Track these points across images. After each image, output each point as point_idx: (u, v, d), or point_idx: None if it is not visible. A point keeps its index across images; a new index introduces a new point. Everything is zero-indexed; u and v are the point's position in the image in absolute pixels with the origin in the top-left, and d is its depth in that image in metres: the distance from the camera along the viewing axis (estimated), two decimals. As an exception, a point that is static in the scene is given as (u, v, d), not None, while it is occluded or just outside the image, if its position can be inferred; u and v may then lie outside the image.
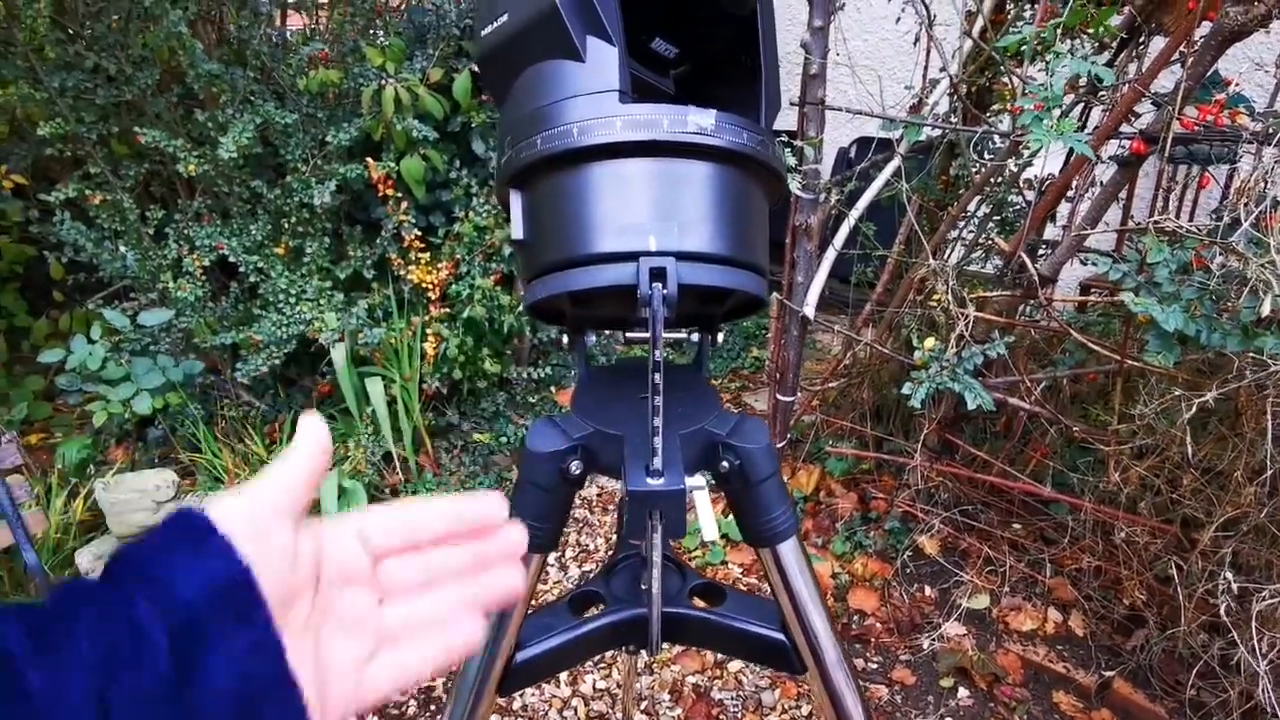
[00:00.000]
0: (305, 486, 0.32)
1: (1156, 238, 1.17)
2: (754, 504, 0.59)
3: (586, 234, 0.54)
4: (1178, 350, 1.12)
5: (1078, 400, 2.00)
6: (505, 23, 0.57)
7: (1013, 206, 2.10)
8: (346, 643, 0.31)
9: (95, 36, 2.20)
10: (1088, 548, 1.70)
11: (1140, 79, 1.33)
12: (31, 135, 2.46)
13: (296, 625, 0.29)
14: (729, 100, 0.64)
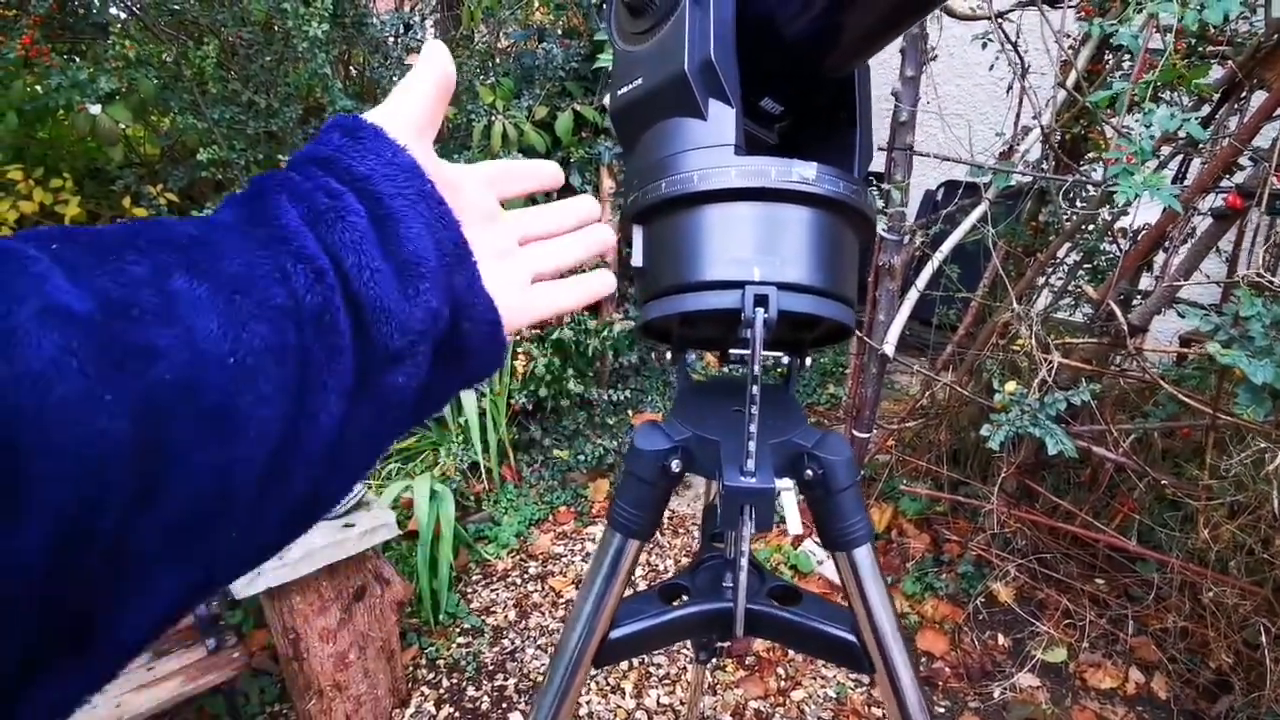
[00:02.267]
0: (436, 106, 0.35)
1: (1250, 292, 1.17)
2: (833, 511, 0.66)
3: (699, 264, 0.63)
4: (1268, 404, 1.11)
5: (1169, 455, 1.94)
6: (639, 85, 0.68)
7: (1105, 255, 2.08)
8: (504, 266, 0.38)
9: (249, 75, 2.49)
10: (1174, 607, 1.64)
11: (1238, 134, 1.33)
12: (186, 159, 2.78)
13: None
14: (825, 149, 0.73)
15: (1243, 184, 1.34)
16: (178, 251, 0.23)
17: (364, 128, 0.31)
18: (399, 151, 0.31)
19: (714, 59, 0.62)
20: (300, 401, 0.25)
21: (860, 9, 0.62)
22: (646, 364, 3.10)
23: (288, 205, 0.27)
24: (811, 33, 0.66)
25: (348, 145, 0.30)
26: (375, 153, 0.30)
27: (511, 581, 2.29)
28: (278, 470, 0.24)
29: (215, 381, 0.22)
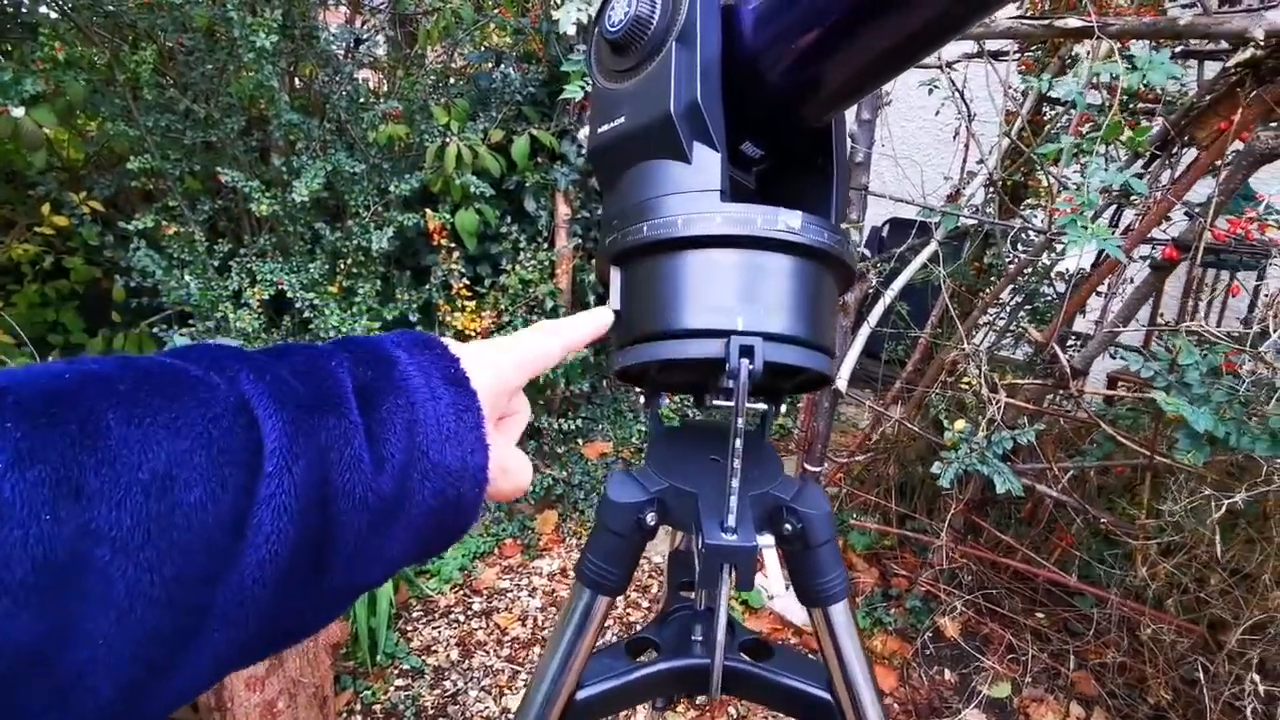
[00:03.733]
0: (559, 357, 0.44)
1: (1187, 340, 1.22)
2: (811, 566, 0.64)
3: (681, 310, 0.60)
4: (1208, 450, 1.15)
5: (1104, 492, 2.01)
6: (621, 124, 0.66)
7: (1044, 297, 2.16)
8: (504, 441, 0.41)
9: (188, 82, 2.38)
10: (1113, 643, 1.69)
11: (1173, 190, 1.40)
12: (114, 167, 2.64)
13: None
14: (803, 195, 0.72)
15: (1179, 237, 1.41)
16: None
17: (472, 409, 0.33)
18: (478, 455, 0.33)
19: (700, 102, 0.60)
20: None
21: (842, 62, 0.62)
22: (598, 391, 3.07)
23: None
24: (794, 80, 0.66)
25: (448, 419, 0.32)
26: (458, 446, 0.32)
27: (454, 618, 2.20)
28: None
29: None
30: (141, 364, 0.25)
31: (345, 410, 0.28)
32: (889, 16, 0.53)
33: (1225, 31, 1.29)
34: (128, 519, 0.21)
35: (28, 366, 0.23)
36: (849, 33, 0.56)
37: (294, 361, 0.29)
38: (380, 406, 0.29)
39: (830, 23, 0.56)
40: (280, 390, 0.26)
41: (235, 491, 0.24)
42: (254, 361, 0.27)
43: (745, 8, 0.64)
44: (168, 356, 0.26)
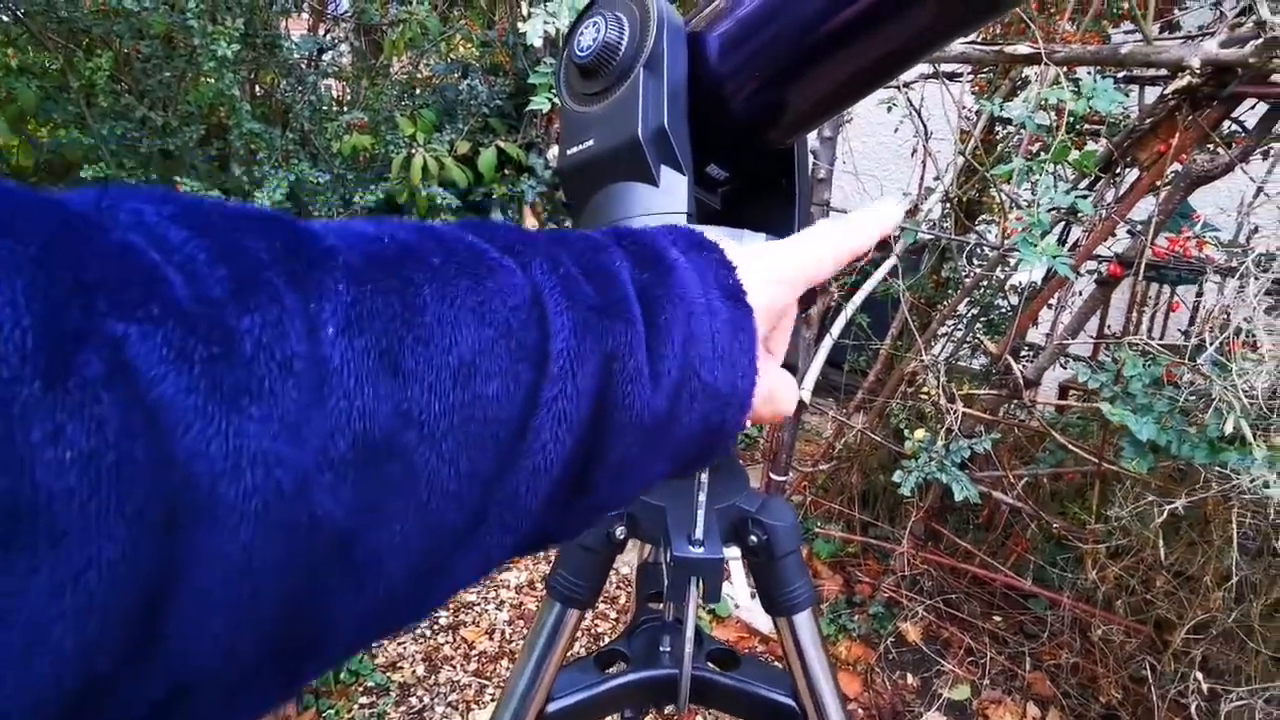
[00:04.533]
0: (834, 270, 0.36)
1: (1131, 352, 1.28)
2: (776, 576, 0.66)
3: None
4: (1151, 458, 1.21)
5: (1057, 497, 2.08)
6: (590, 146, 0.67)
7: (999, 310, 2.23)
8: (771, 363, 0.37)
9: (145, 90, 2.34)
10: (1066, 644, 1.75)
11: (1117, 210, 1.47)
12: (66, 175, 2.57)
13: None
14: (766, 215, 0.75)
15: (1122, 254, 1.48)
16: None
17: (749, 330, 0.30)
18: (748, 378, 0.30)
19: (667, 127, 0.62)
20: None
21: (804, 89, 0.64)
22: (565, 403, 3.07)
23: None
24: (758, 106, 0.68)
25: (724, 337, 0.29)
26: (731, 367, 0.29)
27: (420, 633, 2.17)
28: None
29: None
30: (445, 237, 0.24)
31: (631, 317, 0.26)
32: (849, 47, 0.55)
33: (1164, 60, 1.36)
34: (436, 404, 0.20)
35: (344, 223, 0.22)
36: (810, 62, 0.59)
37: (578, 253, 0.27)
38: (659, 315, 0.27)
39: (791, 52, 0.59)
40: (570, 287, 0.25)
41: (526, 390, 0.23)
42: (544, 250, 0.26)
43: (710, 35, 0.66)
44: (463, 230, 0.25)
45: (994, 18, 1.03)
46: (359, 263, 0.21)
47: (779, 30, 0.60)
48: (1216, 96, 1.35)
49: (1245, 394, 1.04)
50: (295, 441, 0.17)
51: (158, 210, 0.18)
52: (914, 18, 0.50)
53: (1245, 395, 1.04)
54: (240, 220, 0.20)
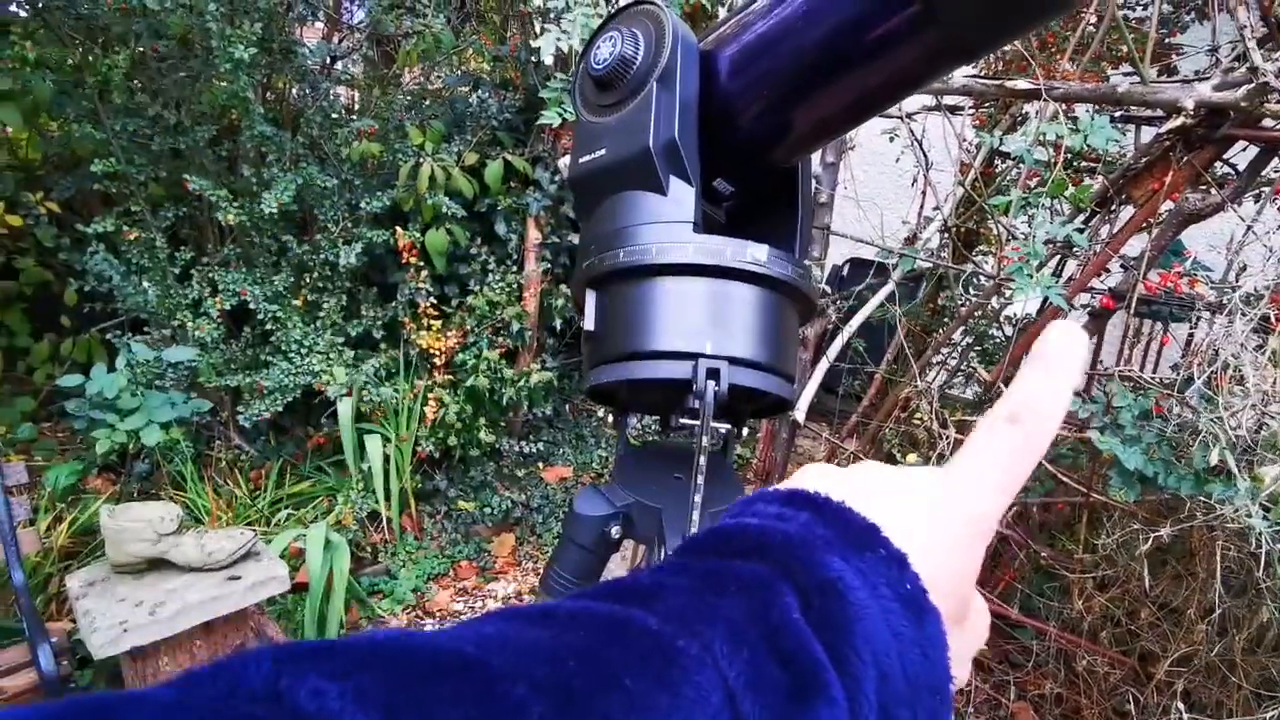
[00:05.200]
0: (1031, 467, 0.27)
1: (1122, 384, 1.30)
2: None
3: (652, 333, 0.64)
4: (1138, 488, 1.22)
5: (1045, 528, 2.09)
6: (603, 155, 0.69)
7: (993, 339, 2.26)
8: (958, 644, 0.28)
9: (159, 89, 2.37)
10: (1051, 674, 1.75)
11: (1110, 244, 1.50)
12: (74, 168, 2.59)
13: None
14: (769, 230, 0.77)
15: (1115, 287, 1.50)
16: None
17: (937, 641, 0.24)
18: (945, 695, 0.24)
19: (678, 140, 0.64)
20: None
21: (808, 110, 0.66)
22: (561, 416, 3.08)
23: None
24: (764, 124, 0.70)
25: (914, 660, 0.24)
26: (929, 693, 0.24)
27: (405, 640, 2.16)
28: None
29: None
30: (625, 629, 0.22)
31: (833, 696, 0.22)
32: (852, 72, 0.58)
33: (1159, 101, 1.39)
34: None
35: (518, 631, 0.21)
36: (815, 85, 0.61)
37: (753, 610, 0.23)
38: (851, 668, 0.23)
39: (797, 75, 0.61)
40: (760, 675, 0.22)
41: None
42: (722, 619, 0.23)
43: (721, 54, 0.68)
44: (638, 610, 0.23)
45: (995, 48, 1.05)
46: (550, 709, 0.19)
47: (786, 54, 0.63)
48: (1210, 138, 1.39)
49: (1231, 427, 1.06)
50: None
51: (340, 689, 0.17)
52: (912, 49, 0.52)
53: (1230, 428, 1.06)
54: (430, 688, 0.18)
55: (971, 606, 0.29)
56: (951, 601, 0.26)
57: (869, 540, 0.26)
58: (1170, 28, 2.01)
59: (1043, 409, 0.27)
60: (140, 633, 1.35)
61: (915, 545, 0.26)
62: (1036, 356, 0.28)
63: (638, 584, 0.24)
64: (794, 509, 0.27)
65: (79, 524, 1.99)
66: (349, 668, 0.18)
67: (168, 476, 2.37)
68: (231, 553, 1.54)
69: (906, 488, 0.28)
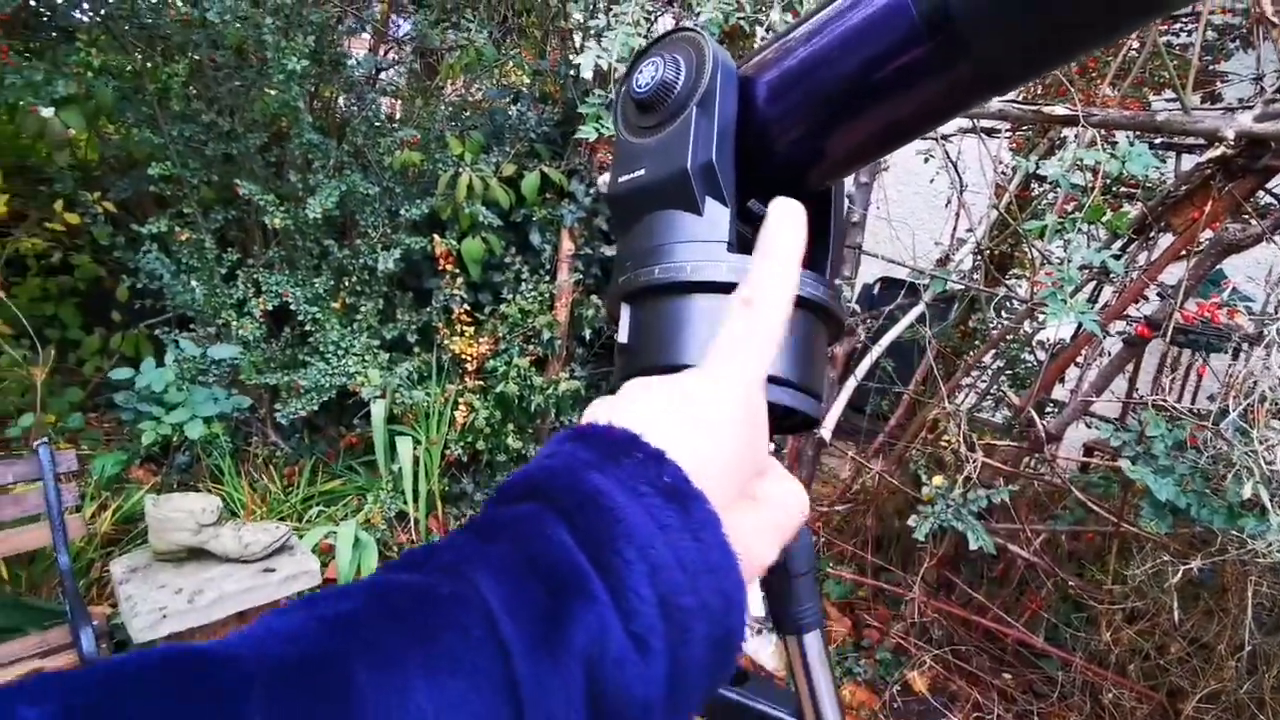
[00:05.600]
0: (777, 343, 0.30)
1: (1156, 414, 1.28)
2: (789, 595, 0.68)
3: (684, 348, 0.66)
4: (1170, 520, 1.21)
5: (1074, 557, 2.06)
6: (641, 175, 0.72)
7: (1024, 364, 2.24)
8: (750, 519, 0.30)
9: (214, 96, 2.46)
10: (1076, 706, 1.72)
11: (1148, 271, 1.49)
12: (130, 170, 2.69)
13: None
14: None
15: (1151, 315, 1.49)
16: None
17: (708, 523, 0.25)
18: (732, 575, 0.25)
19: (715, 162, 0.67)
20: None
21: (845, 136, 0.69)
22: (586, 425, 3.10)
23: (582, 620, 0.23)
24: (800, 149, 0.72)
25: (686, 547, 0.25)
26: (709, 574, 0.25)
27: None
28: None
29: None
30: (383, 589, 0.22)
31: (591, 593, 0.23)
32: (886, 102, 0.60)
33: (1200, 130, 1.39)
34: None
35: (268, 623, 0.21)
36: (850, 113, 0.63)
37: (519, 541, 0.24)
38: (615, 567, 0.24)
39: (832, 103, 0.63)
40: (518, 598, 0.23)
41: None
42: (485, 558, 0.24)
43: (760, 80, 0.71)
44: (401, 570, 0.24)
45: (1028, 81, 1.06)
46: (273, 677, 0.19)
47: (822, 82, 0.65)
48: (1250, 168, 1.37)
49: (1266, 461, 1.04)
50: None
51: (40, 713, 0.17)
52: (945, 80, 0.54)
53: (1266, 462, 1.05)
54: (131, 690, 0.19)
55: (764, 483, 0.31)
56: (727, 481, 0.28)
57: (627, 448, 0.27)
58: (1214, 55, 1.99)
59: (771, 291, 0.30)
60: (178, 619, 1.40)
61: (674, 439, 0.27)
62: (761, 243, 0.31)
63: (416, 550, 0.25)
64: (561, 444, 0.28)
65: (121, 512, 2.07)
66: (52, 705, 0.18)
67: (206, 469, 2.44)
68: (267, 546, 1.59)
69: (667, 390, 0.29)
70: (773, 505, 0.31)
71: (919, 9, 0.55)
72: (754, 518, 0.29)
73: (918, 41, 0.56)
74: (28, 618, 1.78)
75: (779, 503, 0.31)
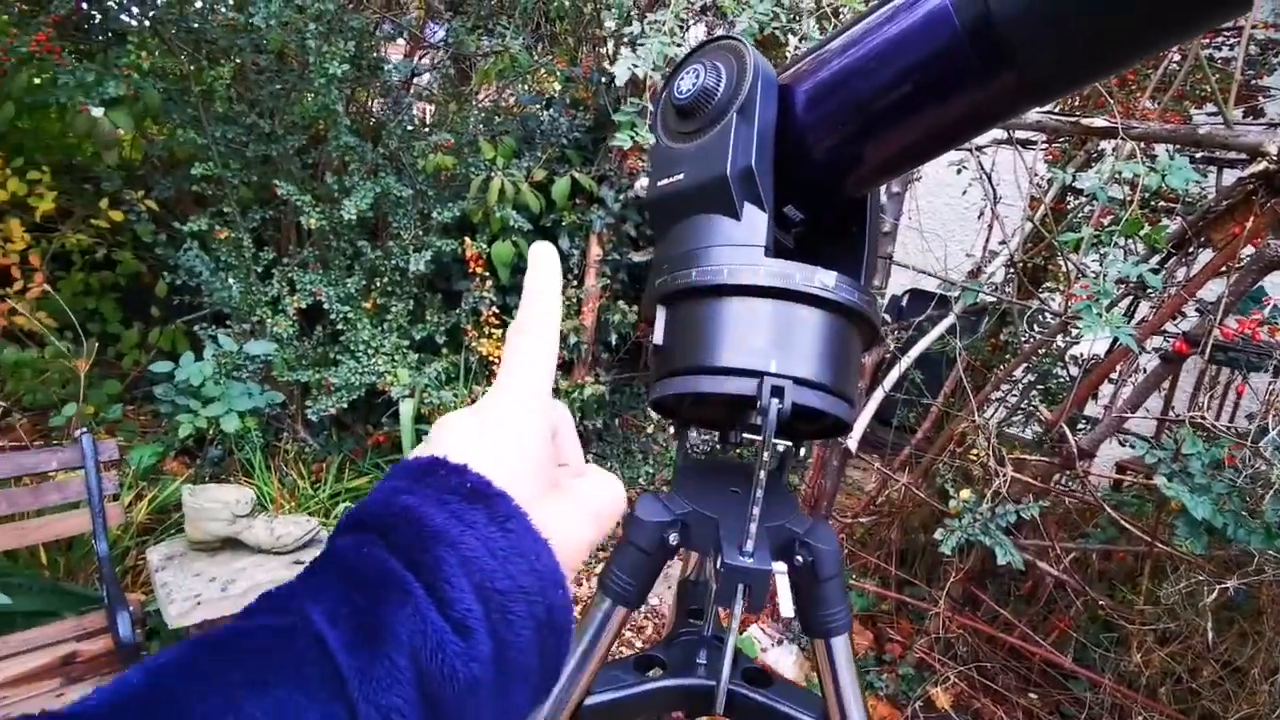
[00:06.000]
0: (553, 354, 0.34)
1: (1192, 432, 1.26)
2: (818, 598, 0.68)
3: (719, 349, 0.67)
4: (1205, 539, 1.18)
5: (1105, 577, 2.02)
6: (680, 179, 0.73)
7: (1056, 379, 2.21)
8: (560, 507, 0.32)
9: (256, 99, 2.52)
10: (1104, 729, 1.69)
11: (1186, 286, 1.46)
12: (173, 170, 2.77)
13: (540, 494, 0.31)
14: (837, 257, 0.79)
15: (1189, 332, 1.46)
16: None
17: (513, 515, 0.28)
18: (544, 557, 0.28)
19: (754, 168, 0.68)
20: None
21: (881, 145, 0.69)
22: (610, 430, 3.11)
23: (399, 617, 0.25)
24: (837, 156, 0.73)
25: (494, 537, 0.27)
26: (519, 558, 0.27)
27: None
28: None
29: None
30: (216, 636, 0.24)
31: (406, 587, 0.25)
32: (924, 112, 0.60)
33: (1242, 144, 1.36)
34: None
35: (98, 690, 0.22)
36: (887, 122, 0.63)
37: (342, 566, 0.26)
38: (427, 564, 0.26)
39: (870, 112, 0.64)
40: (338, 610, 0.25)
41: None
42: (313, 589, 0.26)
43: (799, 89, 0.71)
44: (243, 620, 0.25)
45: (1070, 93, 1.07)
46: (113, 713, 0.21)
47: (859, 91, 0.65)
48: (1296, 184, 1.35)
49: (1308, 481, 1.02)
50: None
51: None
52: (985, 91, 0.54)
53: (1308, 483, 1.02)
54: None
55: (573, 481, 0.34)
56: (530, 480, 0.30)
57: (432, 469, 0.29)
58: (1257, 70, 1.95)
59: (539, 322, 0.34)
60: (211, 606, 1.43)
61: (474, 453, 0.30)
62: (527, 285, 0.35)
63: (252, 604, 0.27)
64: (382, 482, 0.30)
65: (157, 502, 2.12)
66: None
67: (238, 463, 2.49)
68: (298, 538, 1.62)
69: (464, 417, 0.32)
70: (584, 494, 0.34)
71: (961, 18, 0.56)
72: (563, 505, 0.32)
73: (960, 50, 0.56)
74: (65, 602, 1.83)
75: (591, 493, 0.34)
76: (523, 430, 0.32)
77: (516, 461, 0.31)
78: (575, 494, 0.33)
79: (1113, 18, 0.49)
